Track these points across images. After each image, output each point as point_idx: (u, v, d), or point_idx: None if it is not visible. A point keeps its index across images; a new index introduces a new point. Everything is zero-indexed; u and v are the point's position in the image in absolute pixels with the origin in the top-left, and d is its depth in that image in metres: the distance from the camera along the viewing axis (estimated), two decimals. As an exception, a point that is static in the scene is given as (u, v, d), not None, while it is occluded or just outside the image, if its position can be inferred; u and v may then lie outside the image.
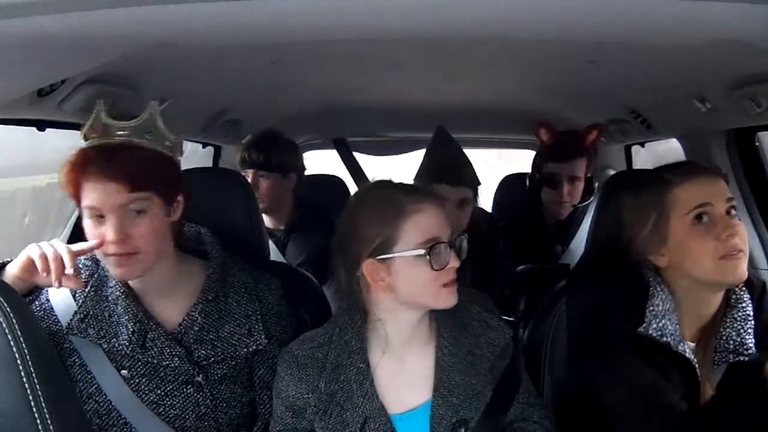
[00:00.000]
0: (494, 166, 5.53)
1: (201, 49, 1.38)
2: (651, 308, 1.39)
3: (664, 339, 1.37)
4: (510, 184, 3.35)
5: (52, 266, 1.31)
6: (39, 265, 1.32)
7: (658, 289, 1.40)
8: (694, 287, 1.38)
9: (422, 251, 1.26)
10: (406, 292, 1.29)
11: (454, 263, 1.29)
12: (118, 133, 1.32)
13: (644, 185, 1.43)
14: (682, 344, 1.38)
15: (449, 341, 1.34)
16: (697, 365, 1.37)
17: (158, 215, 1.35)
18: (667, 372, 1.35)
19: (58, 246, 1.34)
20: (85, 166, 1.30)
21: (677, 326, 1.38)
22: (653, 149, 3.08)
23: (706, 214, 1.34)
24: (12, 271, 1.35)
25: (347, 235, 1.32)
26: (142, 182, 1.32)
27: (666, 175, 1.40)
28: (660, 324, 1.37)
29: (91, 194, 1.30)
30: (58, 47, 1.21)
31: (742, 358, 1.36)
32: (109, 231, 1.30)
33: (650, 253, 1.40)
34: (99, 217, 1.31)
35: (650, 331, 1.38)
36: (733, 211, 1.36)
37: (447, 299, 1.29)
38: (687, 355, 1.37)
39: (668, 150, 2.85)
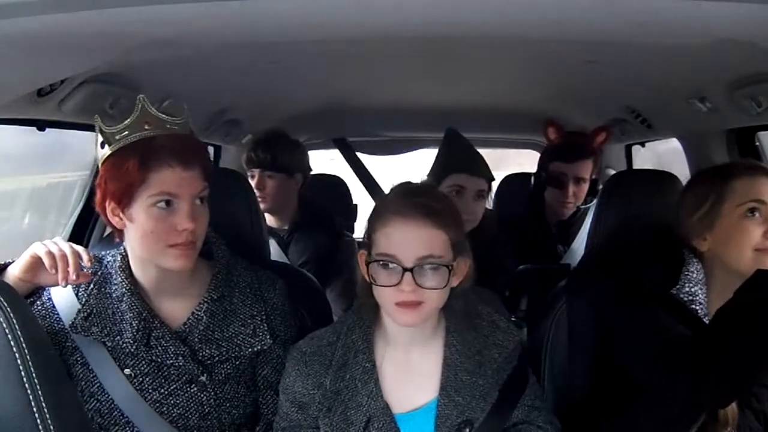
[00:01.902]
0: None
1: (201, 48, 1.38)
2: (686, 273, 1.44)
3: (692, 306, 1.40)
4: (511, 184, 3.35)
5: (59, 264, 1.31)
6: (47, 262, 1.31)
7: (694, 260, 1.45)
8: (727, 277, 1.40)
9: (372, 261, 1.25)
10: (376, 295, 1.29)
11: (407, 287, 1.22)
12: (168, 126, 1.33)
13: (708, 173, 1.49)
14: (708, 318, 1.40)
15: (458, 341, 1.33)
16: None
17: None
18: None
19: (62, 244, 1.34)
20: (157, 153, 1.29)
21: (707, 299, 1.42)
22: (653, 149, 3.08)
23: (757, 210, 1.39)
24: (14, 272, 1.35)
25: None
26: (210, 172, 1.37)
27: (730, 167, 1.47)
28: (692, 289, 1.42)
29: (168, 180, 1.30)
30: (58, 47, 1.21)
31: None
32: (183, 218, 1.31)
33: (694, 238, 1.45)
34: (167, 205, 1.31)
35: (681, 295, 1.42)
36: None
37: (400, 319, 1.26)
38: None
39: (668, 150, 2.86)
